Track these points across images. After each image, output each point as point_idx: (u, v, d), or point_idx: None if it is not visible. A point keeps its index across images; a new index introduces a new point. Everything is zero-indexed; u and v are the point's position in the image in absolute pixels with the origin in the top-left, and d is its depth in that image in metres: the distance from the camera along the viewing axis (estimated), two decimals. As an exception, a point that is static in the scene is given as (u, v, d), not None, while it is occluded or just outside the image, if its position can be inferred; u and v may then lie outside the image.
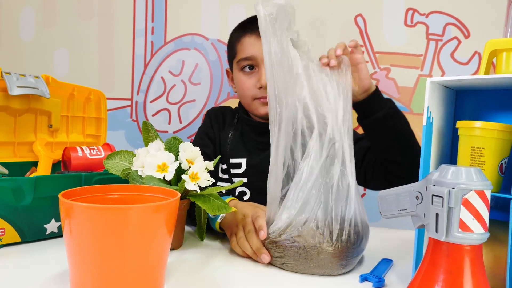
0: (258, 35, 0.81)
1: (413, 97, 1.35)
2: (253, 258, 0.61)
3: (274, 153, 0.59)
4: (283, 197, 0.59)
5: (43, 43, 1.55)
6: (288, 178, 0.59)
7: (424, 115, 0.52)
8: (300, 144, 0.60)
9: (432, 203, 0.42)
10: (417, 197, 0.46)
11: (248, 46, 0.90)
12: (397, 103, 1.38)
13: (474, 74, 1.32)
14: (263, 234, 0.58)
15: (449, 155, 0.63)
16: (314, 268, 0.56)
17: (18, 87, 0.71)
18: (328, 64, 0.66)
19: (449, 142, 0.62)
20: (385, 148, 0.80)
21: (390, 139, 0.78)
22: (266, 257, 0.58)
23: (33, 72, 0.76)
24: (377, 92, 0.79)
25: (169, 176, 0.62)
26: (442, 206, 0.41)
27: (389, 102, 0.81)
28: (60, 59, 1.54)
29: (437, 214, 0.41)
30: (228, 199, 0.72)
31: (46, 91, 0.75)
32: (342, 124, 0.61)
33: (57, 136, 0.83)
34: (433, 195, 0.42)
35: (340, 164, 0.59)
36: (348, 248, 0.56)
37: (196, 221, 0.70)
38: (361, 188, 1.43)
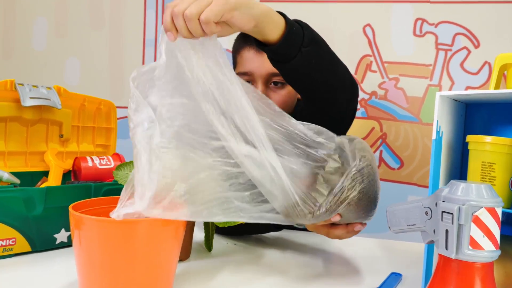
0: (257, 48, 0.81)
1: (422, 107, 1.34)
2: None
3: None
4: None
5: (55, 52, 1.57)
6: None
7: (434, 129, 0.52)
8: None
9: (441, 220, 0.42)
10: (426, 213, 0.46)
11: (246, 60, 0.90)
12: (407, 113, 1.39)
13: (484, 84, 1.31)
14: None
15: (459, 169, 0.62)
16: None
17: (30, 98, 0.73)
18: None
19: (459, 156, 0.61)
20: (305, 89, 0.73)
21: (309, 83, 0.69)
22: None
23: (45, 80, 0.78)
24: (286, 37, 0.62)
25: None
26: (452, 223, 0.40)
27: (302, 37, 0.64)
28: (71, 68, 1.56)
29: (446, 231, 0.41)
30: None
31: (57, 102, 0.76)
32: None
33: (68, 146, 0.84)
34: (442, 212, 0.42)
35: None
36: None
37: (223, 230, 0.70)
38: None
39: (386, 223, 0.52)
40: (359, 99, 1.36)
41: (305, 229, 0.85)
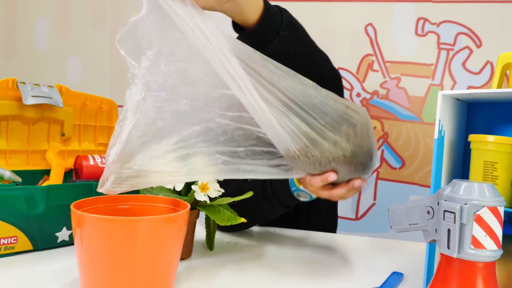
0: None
1: (424, 106, 1.34)
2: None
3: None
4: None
5: (57, 51, 1.58)
6: None
7: (436, 128, 0.51)
8: None
9: (444, 219, 0.42)
10: (428, 212, 0.46)
11: None
12: (408, 113, 1.39)
13: (486, 84, 1.31)
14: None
15: (461, 169, 0.62)
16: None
17: (32, 96, 0.73)
18: None
19: (461, 155, 0.61)
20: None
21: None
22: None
23: (47, 79, 0.78)
24: (264, 18, 0.62)
25: (179, 186, 0.63)
26: (454, 222, 0.40)
27: (280, 20, 0.63)
28: (73, 67, 1.57)
29: (449, 230, 0.41)
30: None
31: (59, 100, 0.76)
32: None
33: (70, 145, 0.84)
34: (445, 211, 0.42)
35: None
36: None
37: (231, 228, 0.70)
38: (371, 198, 1.43)
39: (386, 223, 0.52)
40: (360, 98, 1.36)
41: (308, 203, 0.83)
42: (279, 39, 0.63)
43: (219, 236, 0.80)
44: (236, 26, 0.65)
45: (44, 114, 0.77)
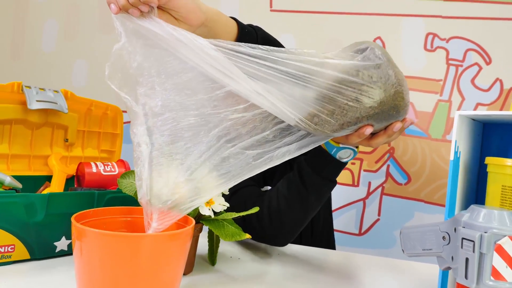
0: None
1: (432, 122, 1.32)
2: None
3: None
4: None
5: (64, 54, 1.57)
6: None
7: (452, 149, 0.50)
8: None
9: (461, 247, 0.40)
10: (444, 238, 0.44)
11: None
12: (415, 128, 1.37)
13: (495, 101, 1.30)
14: None
15: (475, 191, 0.60)
16: None
17: (37, 101, 0.71)
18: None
19: (475, 177, 0.59)
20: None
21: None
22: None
23: (53, 81, 0.77)
24: (240, 39, 0.64)
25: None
26: (473, 251, 0.38)
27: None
28: (79, 70, 1.56)
29: (467, 259, 0.39)
30: None
31: (64, 106, 0.75)
32: None
33: (73, 151, 0.82)
34: (463, 238, 0.40)
35: None
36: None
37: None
38: (375, 214, 1.40)
39: (391, 239, 0.50)
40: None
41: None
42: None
43: (221, 250, 0.78)
44: None
45: (48, 119, 0.76)
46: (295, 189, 0.71)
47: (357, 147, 0.66)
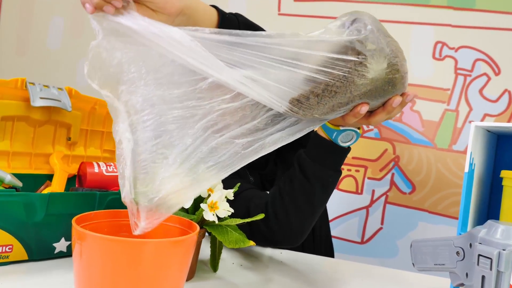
0: None
1: (438, 131, 1.31)
2: None
3: None
4: None
5: (69, 52, 1.56)
6: None
7: (467, 162, 0.48)
8: None
9: (478, 264, 0.38)
10: (458, 253, 0.42)
11: None
12: (421, 137, 1.35)
13: (503, 112, 1.28)
14: None
15: (487, 203, 0.58)
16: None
17: (41, 98, 0.70)
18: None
19: (488, 189, 0.58)
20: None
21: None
22: None
23: (57, 78, 0.76)
24: (222, 25, 0.62)
25: (187, 204, 0.59)
26: (490, 269, 0.37)
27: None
28: (83, 68, 1.55)
29: (483, 277, 0.37)
30: None
31: (68, 104, 0.74)
32: None
33: (75, 150, 0.81)
34: (479, 255, 0.38)
35: None
36: None
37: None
38: (378, 222, 1.38)
39: (393, 248, 0.49)
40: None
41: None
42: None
43: (223, 256, 0.76)
44: None
45: (51, 116, 0.75)
46: (299, 184, 0.68)
47: (359, 128, 0.63)
